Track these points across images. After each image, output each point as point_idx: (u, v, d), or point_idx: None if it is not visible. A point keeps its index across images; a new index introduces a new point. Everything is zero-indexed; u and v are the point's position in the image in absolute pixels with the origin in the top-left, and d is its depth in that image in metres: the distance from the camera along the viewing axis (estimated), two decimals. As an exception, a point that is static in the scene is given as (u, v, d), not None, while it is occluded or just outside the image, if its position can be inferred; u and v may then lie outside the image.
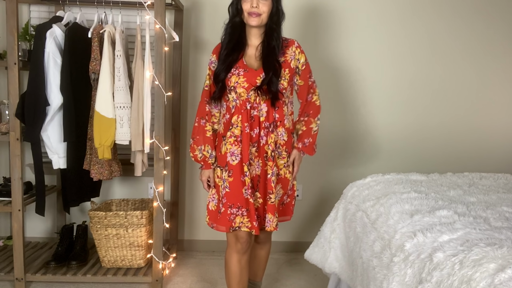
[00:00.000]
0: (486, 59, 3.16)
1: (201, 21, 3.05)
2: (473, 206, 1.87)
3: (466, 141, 3.21)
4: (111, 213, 2.62)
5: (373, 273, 1.73)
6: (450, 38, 3.13)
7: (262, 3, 1.92)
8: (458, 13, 3.11)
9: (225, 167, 2.02)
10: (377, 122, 3.16)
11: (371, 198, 2.12)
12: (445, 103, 3.17)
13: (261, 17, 1.94)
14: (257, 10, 1.92)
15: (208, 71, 2.13)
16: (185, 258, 3.06)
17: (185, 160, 3.15)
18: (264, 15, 1.95)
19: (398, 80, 3.14)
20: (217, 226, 2.06)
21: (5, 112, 2.60)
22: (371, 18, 3.08)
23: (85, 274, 2.57)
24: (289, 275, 2.84)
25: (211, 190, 2.10)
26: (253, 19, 1.94)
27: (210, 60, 2.13)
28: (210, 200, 2.10)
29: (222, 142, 2.05)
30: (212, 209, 2.09)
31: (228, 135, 2.01)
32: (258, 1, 1.91)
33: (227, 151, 2.01)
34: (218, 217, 2.04)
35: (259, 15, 1.94)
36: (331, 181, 3.18)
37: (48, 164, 2.67)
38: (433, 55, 3.13)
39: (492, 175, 2.48)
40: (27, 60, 2.61)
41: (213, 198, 2.09)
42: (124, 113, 2.53)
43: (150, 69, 2.46)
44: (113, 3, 2.68)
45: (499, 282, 1.20)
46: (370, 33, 3.09)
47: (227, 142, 2.01)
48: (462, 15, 3.11)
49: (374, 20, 3.08)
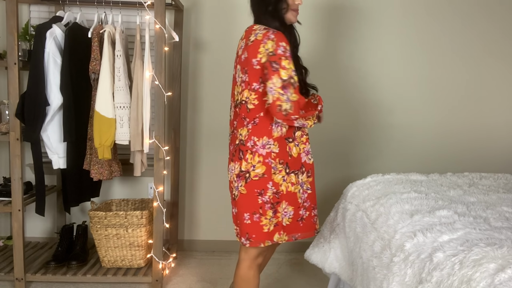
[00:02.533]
0: (486, 59, 3.16)
1: (201, 21, 3.05)
2: (473, 206, 1.87)
3: (466, 141, 3.21)
4: (111, 213, 2.62)
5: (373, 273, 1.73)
6: (450, 39, 3.13)
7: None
8: (458, 14, 3.11)
9: (301, 169, 1.88)
10: (377, 122, 3.16)
11: (371, 198, 2.12)
12: (445, 103, 3.17)
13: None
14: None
15: (290, 60, 1.77)
16: (185, 258, 3.06)
17: (185, 160, 3.15)
18: None
19: (399, 80, 3.14)
20: (302, 234, 1.91)
21: (5, 112, 2.60)
22: (374, 18, 3.08)
23: (85, 274, 2.57)
24: (289, 275, 2.84)
25: (282, 205, 1.86)
26: (296, 15, 1.89)
27: (285, 48, 1.76)
28: (283, 215, 1.86)
29: (287, 144, 1.85)
30: (286, 223, 1.87)
31: (299, 135, 1.87)
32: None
33: (300, 152, 1.87)
34: (300, 226, 1.88)
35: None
36: (331, 181, 3.18)
37: (48, 164, 2.67)
38: (433, 56, 3.13)
39: (492, 175, 2.48)
40: (27, 60, 2.61)
41: (285, 213, 1.87)
42: (124, 113, 2.53)
43: (150, 69, 2.46)
44: (113, 3, 2.68)
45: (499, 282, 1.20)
46: (372, 33, 3.09)
47: (300, 142, 1.87)
48: (462, 15, 3.11)
49: (375, 21, 3.08)
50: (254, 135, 1.81)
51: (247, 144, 1.81)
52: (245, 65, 1.81)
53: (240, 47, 1.89)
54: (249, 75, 1.79)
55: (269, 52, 1.73)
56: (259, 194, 1.81)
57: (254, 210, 1.82)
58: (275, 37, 1.74)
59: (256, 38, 1.77)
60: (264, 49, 1.74)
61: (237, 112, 1.88)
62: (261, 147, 1.81)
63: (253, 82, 1.79)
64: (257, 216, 1.82)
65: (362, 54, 3.10)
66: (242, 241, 1.86)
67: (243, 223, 1.83)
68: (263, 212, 1.82)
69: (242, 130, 1.83)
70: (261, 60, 1.75)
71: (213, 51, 3.05)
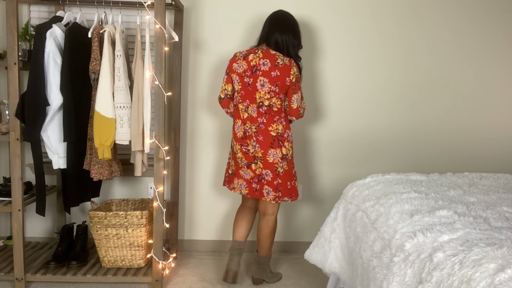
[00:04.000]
0: (486, 58, 3.16)
1: (201, 21, 3.05)
2: (473, 206, 1.87)
3: (466, 141, 3.21)
4: (111, 213, 2.62)
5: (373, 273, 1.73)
6: (450, 38, 3.13)
7: None
8: (457, 13, 3.11)
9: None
10: (377, 122, 3.16)
11: (371, 198, 2.12)
12: (445, 103, 3.17)
13: None
14: None
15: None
16: (185, 258, 3.06)
17: (185, 160, 3.15)
18: None
19: (399, 80, 3.14)
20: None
21: (5, 112, 2.60)
22: (372, 17, 3.08)
23: (85, 274, 2.57)
24: (289, 275, 2.84)
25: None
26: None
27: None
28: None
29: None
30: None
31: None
32: None
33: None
34: None
35: None
36: (331, 181, 3.18)
37: (48, 164, 2.67)
38: (433, 56, 3.13)
39: (492, 175, 2.48)
40: (27, 60, 2.61)
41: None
42: (124, 113, 2.53)
43: (150, 69, 2.46)
44: (113, 3, 2.68)
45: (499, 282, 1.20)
46: (372, 33, 3.09)
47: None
48: (462, 14, 3.11)
49: (374, 20, 3.08)
50: (287, 129, 2.54)
51: (284, 135, 2.49)
52: (276, 80, 2.42)
53: (261, 63, 2.45)
54: (279, 87, 2.44)
55: (296, 75, 2.46)
56: (293, 167, 2.60)
57: (291, 179, 2.56)
58: (295, 65, 2.49)
59: (285, 62, 2.43)
60: (293, 72, 2.44)
61: (260, 111, 2.47)
62: (291, 136, 2.57)
63: (281, 93, 2.46)
64: (292, 182, 2.58)
65: (362, 54, 3.10)
66: (285, 199, 2.56)
67: (286, 188, 2.54)
68: (295, 178, 2.61)
69: (278, 125, 2.48)
70: (292, 80, 2.44)
71: (213, 51, 3.05)
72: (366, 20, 3.08)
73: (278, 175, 2.50)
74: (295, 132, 3.13)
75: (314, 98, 3.12)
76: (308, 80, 3.07)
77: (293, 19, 2.56)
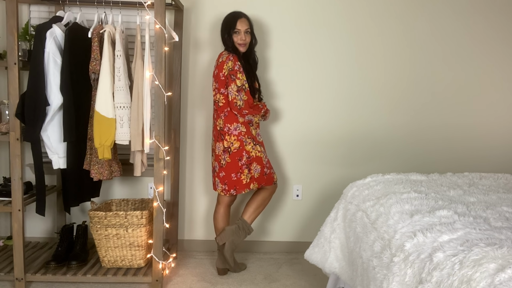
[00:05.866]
0: (486, 59, 3.16)
1: (201, 21, 3.05)
2: (473, 206, 1.87)
3: (466, 141, 3.21)
4: (111, 213, 2.62)
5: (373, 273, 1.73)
6: (450, 39, 3.13)
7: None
8: (457, 13, 3.11)
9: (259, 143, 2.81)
10: (377, 122, 3.16)
11: (371, 198, 2.12)
12: (445, 103, 3.17)
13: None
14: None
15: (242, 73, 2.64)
16: (185, 258, 3.06)
17: (185, 160, 3.15)
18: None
19: (399, 80, 3.14)
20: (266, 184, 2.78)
21: (5, 112, 2.60)
22: (373, 17, 3.08)
23: (85, 274, 2.57)
24: (289, 275, 2.84)
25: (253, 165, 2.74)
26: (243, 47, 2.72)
27: (239, 66, 2.63)
28: (255, 172, 2.71)
29: (250, 127, 2.71)
30: (257, 176, 2.72)
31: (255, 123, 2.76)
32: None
33: (256, 133, 2.80)
34: (264, 178, 2.74)
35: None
36: (331, 181, 3.18)
37: (48, 164, 2.67)
38: (433, 56, 3.13)
39: (492, 175, 2.48)
40: (27, 60, 2.61)
41: (255, 170, 2.74)
42: (124, 113, 2.53)
43: (150, 69, 2.46)
44: (113, 3, 2.68)
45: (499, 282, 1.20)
46: (372, 32, 3.09)
47: (256, 127, 2.77)
48: (462, 15, 3.11)
49: (374, 20, 3.08)
50: (228, 123, 2.65)
51: (224, 129, 2.66)
52: (216, 77, 2.65)
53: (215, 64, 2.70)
54: (219, 83, 2.63)
55: (229, 68, 2.59)
56: (239, 160, 2.67)
57: (237, 171, 2.66)
58: (232, 58, 2.62)
59: (223, 59, 2.63)
60: (226, 67, 2.60)
61: (214, 108, 2.71)
62: (237, 129, 2.66)
63: (221, 88, 2.64)
64: (238, 175, 2.67)
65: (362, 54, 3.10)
66: (231, 192, 2.69)
67: (231, 180, 2.66)
68: (241, 171, 2.67)
69: (220, 120, 2.67)
70: (225, 73, 2.60)
71: (213, 51, 3.05)
72: (367, 20, 3.08)
73: (222, 167, 2.68)
74: (295, 132, 3.13)
75: (314, 98, 3.12)
76: (308, 80, 3.07)
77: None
